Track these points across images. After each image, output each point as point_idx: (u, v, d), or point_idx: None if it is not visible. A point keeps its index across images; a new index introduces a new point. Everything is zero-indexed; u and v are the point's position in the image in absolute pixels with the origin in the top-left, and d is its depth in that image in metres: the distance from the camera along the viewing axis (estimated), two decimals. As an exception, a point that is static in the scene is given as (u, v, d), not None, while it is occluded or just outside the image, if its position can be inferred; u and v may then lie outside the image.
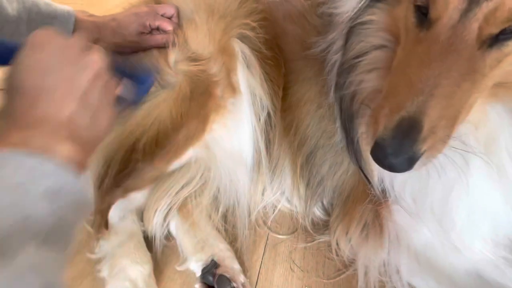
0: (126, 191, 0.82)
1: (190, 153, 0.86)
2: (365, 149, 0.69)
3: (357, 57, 0.66)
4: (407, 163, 0.50)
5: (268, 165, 0.93)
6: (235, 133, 0.89)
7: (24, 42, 0.46)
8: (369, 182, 0.73)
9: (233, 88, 0.86)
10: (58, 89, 0.44)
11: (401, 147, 0.49)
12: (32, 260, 0.34)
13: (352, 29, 0.66)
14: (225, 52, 0.86)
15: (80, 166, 0.44)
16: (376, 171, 0.71)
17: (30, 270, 0.34)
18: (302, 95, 0.87)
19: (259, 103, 0.88)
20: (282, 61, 0.94)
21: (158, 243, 0.86)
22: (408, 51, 0.54)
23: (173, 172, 0.90)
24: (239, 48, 0.86)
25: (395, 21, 0.59)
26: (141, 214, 0.90)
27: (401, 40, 0.57)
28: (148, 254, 0.83)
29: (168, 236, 0.90)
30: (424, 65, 0.49)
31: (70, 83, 0.45)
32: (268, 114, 0.90)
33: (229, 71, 0.86)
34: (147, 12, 0.84)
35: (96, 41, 0.83)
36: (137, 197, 0.85)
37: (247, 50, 0.87)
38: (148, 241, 0.86)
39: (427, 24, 0.51)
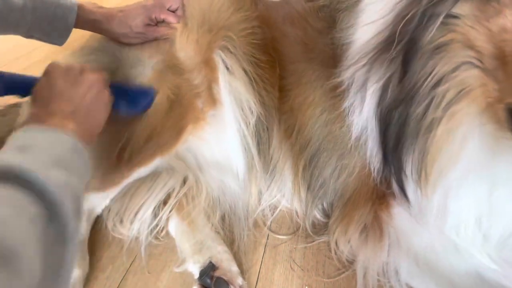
0: (86, 189, 0.80)
1: (157, 162, 0.86)
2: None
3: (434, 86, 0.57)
4: None
5: (264, 168, 0.93)
6: (215, 143, 0.90)
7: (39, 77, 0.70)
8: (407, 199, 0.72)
9: (214, 100, 0.87)
10: (60, 97, 0.66)
11: None
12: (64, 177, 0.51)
13: (412, 54, 0.56)
14: (208, 64, 0.87)
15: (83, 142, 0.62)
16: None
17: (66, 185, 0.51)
18: (304, 98, 0.86)
19: (247, 108, 0.88)
20: (277, 63, 0.94)
21: (142, 247, 0.86)
22: None
23: (148, 181, 0.91)
24: (222, 58, 0.87)
25: (491, 35, 0.50)
26: (92, 219, 0.88)
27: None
28: (87, 258, 0.82)
29: (157, 237, 0.89)
30: None
31: (68, 93, 0.67)
32: (259, 117, 0.90)
33: (211, 82, 0.87)
34: (153, 5, 0.88)
35: (104, 31, 0.88)
36: (96, 198, 0.85)
37: (231, 60, 0.88)
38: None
39: None
